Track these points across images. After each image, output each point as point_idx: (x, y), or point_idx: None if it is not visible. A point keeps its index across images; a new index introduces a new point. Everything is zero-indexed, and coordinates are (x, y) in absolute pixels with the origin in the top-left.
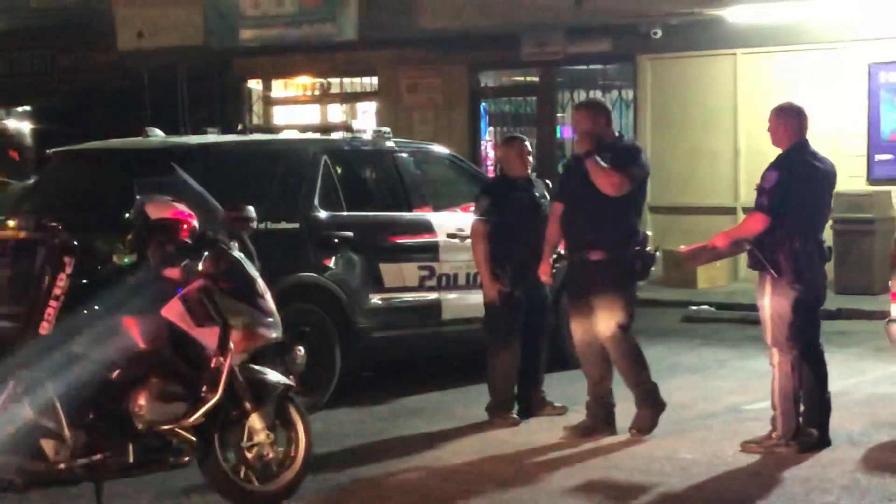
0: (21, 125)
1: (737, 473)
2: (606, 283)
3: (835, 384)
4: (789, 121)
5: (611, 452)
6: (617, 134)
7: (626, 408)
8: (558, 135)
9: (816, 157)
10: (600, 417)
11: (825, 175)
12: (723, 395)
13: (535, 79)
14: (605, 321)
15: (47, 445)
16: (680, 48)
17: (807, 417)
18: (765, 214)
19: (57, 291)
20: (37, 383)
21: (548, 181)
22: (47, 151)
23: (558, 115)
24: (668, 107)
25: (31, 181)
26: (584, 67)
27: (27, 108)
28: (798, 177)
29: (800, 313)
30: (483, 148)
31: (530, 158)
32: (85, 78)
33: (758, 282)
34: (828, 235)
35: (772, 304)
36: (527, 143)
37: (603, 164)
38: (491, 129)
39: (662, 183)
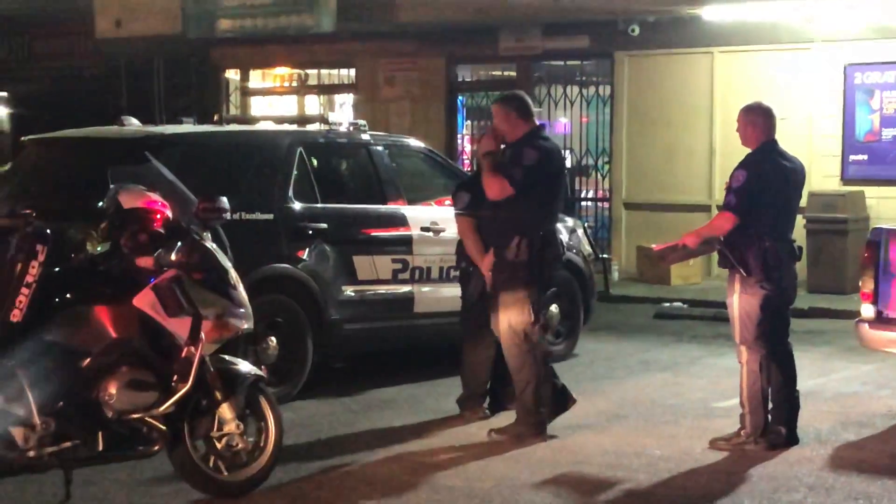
0: None
1: (704, 470)
2: (499, 285)
3: (804, 383)
4: (758, 120)
5: (579, 447)
6: (532, 128)
7: (599, 403)
8: None
9: (785, 156)
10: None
11: (794, 174)
12: (693, 392)
13: (513, 73)
14: (498, 319)
15: (17, 433)
16: (657, 45)
17: (775, 415)
18: (733, 214)
19: (29, 279)
20: (7, 371)
21: None
22: (22, 138)
23: (535, 110)
24: (645, 104)
25: (6, 168)
26: (562, 63)
27: (3, 93)
28: (766, 176)
29: (768, 312)
30: (459, 142)
31: None
32: (62, 64)
33: (727, 280)
34: (799, 235)
35: (740, 302)
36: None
37: (493, 166)
38: (468, 122)
39: (638, 180)
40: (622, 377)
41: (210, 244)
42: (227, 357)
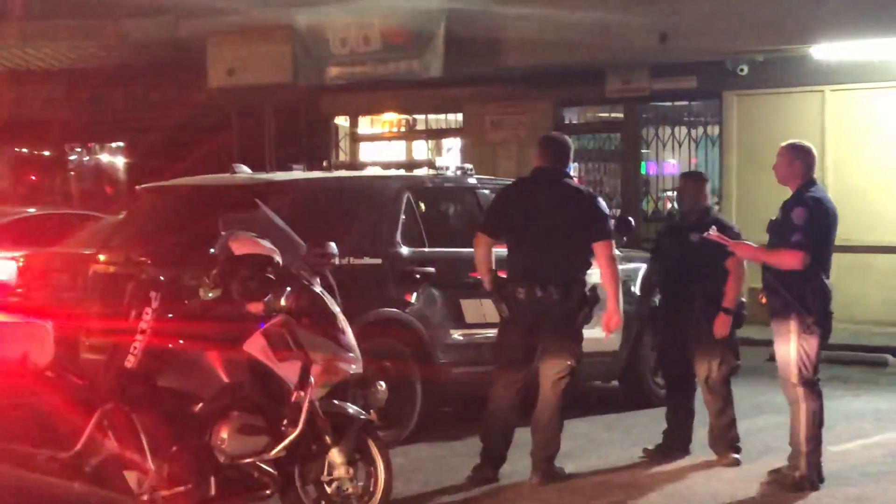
0: (114, 160)
1: None
2: None
3: None
4: (802, 158)
5: (692, 493)
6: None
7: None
8: (643, 171)
9: (826, 194)
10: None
11: (835, 212)
12: None
13: (620, 115)
14: None
15: (131, 477)
16: (767, 84)
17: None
18: (804, 251)
19: (143, 325)
20: (122, 415)
21: (630, 218)
22: (136, 187)
23: (643, 151)
24: (755, 143)
25: (121, 216)
26: (670, 104)
27: (120, 143)
28: (822, 213)
29: (821, 351)
30: None
31: (708, 194)
32: (175, 114)
33: (777, 322)
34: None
35: (800, 344)
36: (706, 177)
37: None
38: (575, 165)
39: (749, 220)
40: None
41: (319, 289)
42: (336, 401)
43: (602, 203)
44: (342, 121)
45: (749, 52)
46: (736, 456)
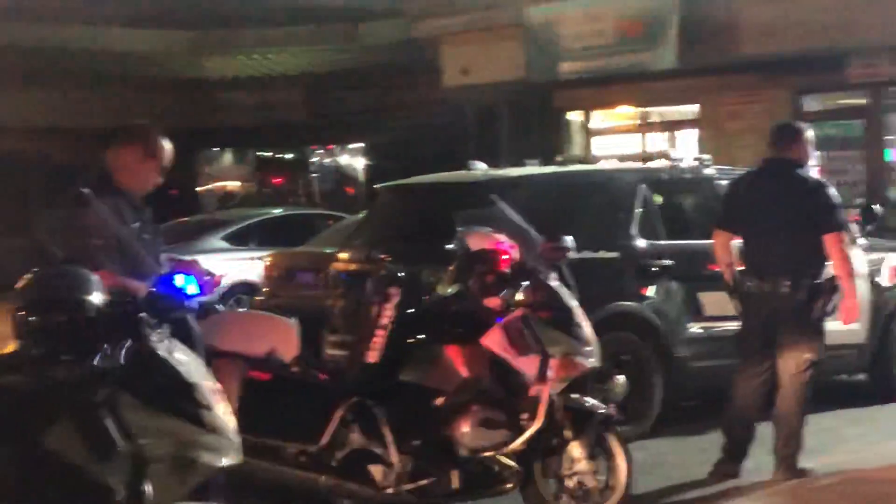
0: (353, 161)
1: None
2: None
3: None
4: None
5: None
6: None
7: None
8: (888, 158)
9: None
10: None
11: None
12: None
13: (863, 101)
14: None
15: (375, 470)
16: None
17: None
18: None
19: (384, 321)
20: (365, 410)
21: (875, 207)
22: (374, 186)
23: (887, 137)
24: None
25: (361, 215)
26: None
27: (359, 145)
28: None
29: None
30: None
31: None
32: (411, 115)
33: None
34: None
35: None
36: None
37: None
38: (816, 153)
39: None
40: None
41: (555, 283)
42: (575, 395)
43: (832, 193)
44: (575, 115)
45: None
46: None
